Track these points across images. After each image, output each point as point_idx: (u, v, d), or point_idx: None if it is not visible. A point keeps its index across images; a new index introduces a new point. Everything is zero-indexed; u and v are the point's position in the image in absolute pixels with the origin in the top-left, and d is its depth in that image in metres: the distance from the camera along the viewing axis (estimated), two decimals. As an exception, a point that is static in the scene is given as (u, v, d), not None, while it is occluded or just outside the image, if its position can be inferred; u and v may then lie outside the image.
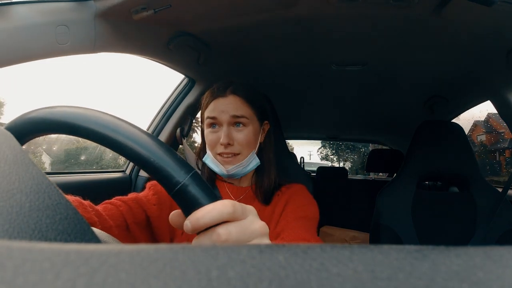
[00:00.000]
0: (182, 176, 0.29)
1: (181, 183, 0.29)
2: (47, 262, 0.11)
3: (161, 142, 0.31)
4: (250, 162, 0.77)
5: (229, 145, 0.74)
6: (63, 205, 0.22)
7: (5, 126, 0.32)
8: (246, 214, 0.30)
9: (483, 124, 13.60)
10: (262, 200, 0.78)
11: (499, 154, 13.25)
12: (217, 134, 0.75)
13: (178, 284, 0.10)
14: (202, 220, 0.27)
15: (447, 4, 0.77)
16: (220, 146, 0.74)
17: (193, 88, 1.32)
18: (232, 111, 0.74)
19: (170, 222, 0.32)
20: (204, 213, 0.27)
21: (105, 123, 0.30)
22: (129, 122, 0.31)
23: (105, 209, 0.61)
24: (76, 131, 0.30)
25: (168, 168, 0.29)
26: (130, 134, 0.30)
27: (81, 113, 0.30)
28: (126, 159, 0.30)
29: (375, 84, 1.48)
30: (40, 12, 0.67)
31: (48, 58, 0.71)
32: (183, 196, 0.29)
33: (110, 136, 0.29)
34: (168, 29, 0.94)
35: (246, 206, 0.31)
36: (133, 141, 0.29)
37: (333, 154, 16.83)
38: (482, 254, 0.12)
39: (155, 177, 0.29)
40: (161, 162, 0.29)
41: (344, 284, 0.11)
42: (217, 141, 0.74)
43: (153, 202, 0.70)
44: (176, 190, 0.29)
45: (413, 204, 1.16)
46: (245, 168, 0.76)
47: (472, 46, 1.01)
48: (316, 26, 0.97)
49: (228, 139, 0.73)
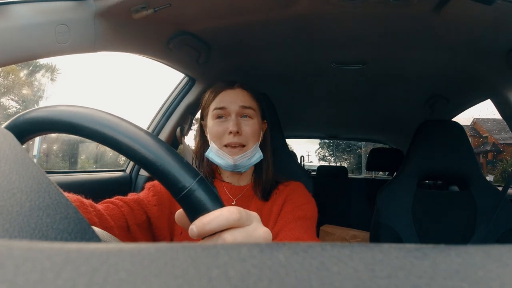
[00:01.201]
0: (189, 181, 0.29)
1: (187, 188, 0.29)
2: (48, 261, 0.11)
3: (168, 145, 0.30)
4: (254, 153, 0.77)
5: (237, 134, 0.74)
6: (64, 204, 0.22)
7: (5, 125, 0.32)
8: (250, 220, 0.30)
9: (469, 128, 14.71)
10: (261, 197, 0.78)
11: (482, 156, 14.66)
12: (224, 124, 0.76)
13: (178, 283, 0.10)
14: (208, 226, 0.27)
15: (447, 3, 0.77)
16: (228, 136, 0.75)
17: (193, 87, 1.32)
18: (241, 101, 0.76)
19: (176, 221, 0.32)
20: (210, 219, 0.28)
21: (109, 124, 0.29)
22: (131, 121, 0.31)
23: (107, 209, 0.61)
24: (78, 130, 0.30)
25: (175, 172, 0.29)
26: (135, 136, 0.29)
27: (83, 113, 0.30)
28: (134, 162, 0.30)
29: (375, 83, 1.48)
30: (40, 11, 0.67)
31: (48, 57, 0.71)
32: (189, 201, 0.29)
33: (114, 137, 0.29)
34: (168, 28, 0.94)
35: (250, 213, 0.31)
36: (140, 144, 0.29)
37: (331, 155, 17.15)
38: (482, 253, 0.12)
39: (161, 181, 0.29)
40: (168, 166, 0.29)
41: (344, 282, 0.11)
42: (224, 131, 0.75)
43: (153, 203, 0.70)
44: (182, 195, 0.29)
45: (413, 203, 1.16)
46: (249, 160, 0.77)
47: (472, 45, 1.01)
48: (316, 25, 0.97)
49: (237, 127, 0.74)
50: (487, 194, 1.14)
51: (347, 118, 2.27)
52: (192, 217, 0.29)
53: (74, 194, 0.53)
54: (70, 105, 0.31)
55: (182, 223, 0.31)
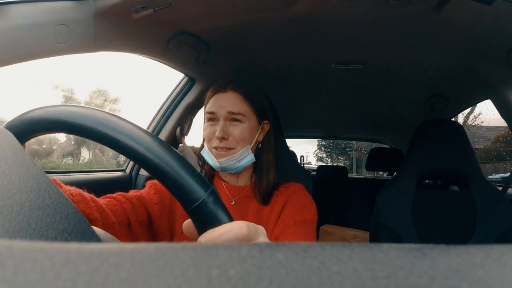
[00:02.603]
0: (201, 193, 0.29)
1: (200, 200, 0.29)
2: (48, 261, 0.11)
3: (180, 156, 0.30)
4: (243, 157, 0.77)
5: (223, 139, 0.75)
6: (64, 204, 0.22)
7: (5, 125, 0.32)
8: (258, 235, 0.31)
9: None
10: (261, 200, 0.78)
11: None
12: (214, 128, 0.76)
13: (178, 283, 0.10)
14: (217, 240, 0.28)
15: (447, 3, 0.77)
16: (215, 140, 0.75)
17: (193, 87, 1.32)
18: (229, 107, 0.75)
19: (184, 231, 0.32)
20: (220, 234, 0.28)
21: (117, 127, 0.29)
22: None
23: (109, 204, 0.61)
24: (78, 130, 0.30)
25: (189, 184, 0.29)
26: (147, 143, 0.29)
27: (87, 113, 0.30)
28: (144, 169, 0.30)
29: (375, 83, 1.48)
30: (40, 11, 0.67)
31: (48, 57, 0.71)
32: (200, 213, 0.29)
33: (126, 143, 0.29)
34: (168, 28, 0.94)
35: (257, 227, 0.31)
36: (153, 154, 0.29)
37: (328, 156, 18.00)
38: (482, 252, 0.12)
39: (172, 192, 0.29)
40: (181, 178, 0.29)
41: (344, 282, 0.11)
42: (213, 134, 0.76)
43: (154, 201, 0.70)
44: (194, 207, 0.29)
45: (413, 202, 1.16)
46: (238, 163, 0.76)
47: (472, 45, 1.01)
48: (316, 25, 0.97)
49: (222, 133, 0.74)
50: (487, 194, 1.14)
51: (346, 118, 2.27)
52: (201, 228, 0.29)
53: (76, 188, 0.53)
54: (70, 105, 0.31)
55: (189, 233, 0.32)
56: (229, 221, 0.29)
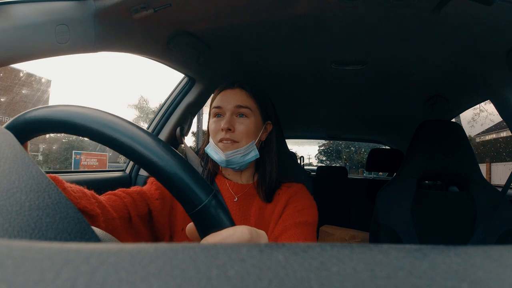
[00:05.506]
0: (204, 196, 0.29)
1: (202, 203, 0.29)
2: (47, 261, 0.11)
3: (184, 159, 0.30)
4: (248, 151, 0.77)
5: (229, 131, 0.76)
6: (63, 204, 0.22)
7: (5, 125, 0.32)
8: (259, 240, 0.31)
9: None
10: (264, 198, 0.79)
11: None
12: (220, 122, 0.78)
13: (178, 283, 0.10)
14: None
15: (447, 3, 0.77)
16: (221, 132, 0.76)
17: (193, 87, 1.32)
18: (236, 101, 0.78)
19: (187, 234, 0.32)
20: (222, 238, 0.28)
21: (120, 129, 0.29)
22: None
23: (109, 200, 0.61)
24: (78, 130, 0.30)
25: (192, 188, 0.29)
26: (150, 145, 0.29)
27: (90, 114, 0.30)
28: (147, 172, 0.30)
29: (375, 83, 1.48)
30: (40, 11, 0.67)
31: (48, 57, 0.71)
32: (203, 217, 0.29)
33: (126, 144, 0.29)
34: (168, 29, 0.94)
35: (259, 232, 0.31)
36: (157, 157, 0.28)
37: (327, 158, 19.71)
38: (482, 253, 0.12)
39: (175, 196, 0.29)
40: (184, 182, 0.29)
41: (344, 283, 0.11)
42: (219, 128, 0.77)
43: (155, 197, 0.71)
44: (196, 211, 0.29)
45: (413, 203, 1.16)
46: (243, 157, 0.77)
47: (472, 45, 1.01)
48: (316, 25, 0.97)
49: (229, 124, 0.76)
50: (487, 194, 1.14)
51: (347, 118, 2.27)
52: (203, 232, 0.29)
53: (77, 185, 0.53)
54: (71, 105, 0.31)
55: (192, 236, 0.31)
56: (231, 225, 0.29)
